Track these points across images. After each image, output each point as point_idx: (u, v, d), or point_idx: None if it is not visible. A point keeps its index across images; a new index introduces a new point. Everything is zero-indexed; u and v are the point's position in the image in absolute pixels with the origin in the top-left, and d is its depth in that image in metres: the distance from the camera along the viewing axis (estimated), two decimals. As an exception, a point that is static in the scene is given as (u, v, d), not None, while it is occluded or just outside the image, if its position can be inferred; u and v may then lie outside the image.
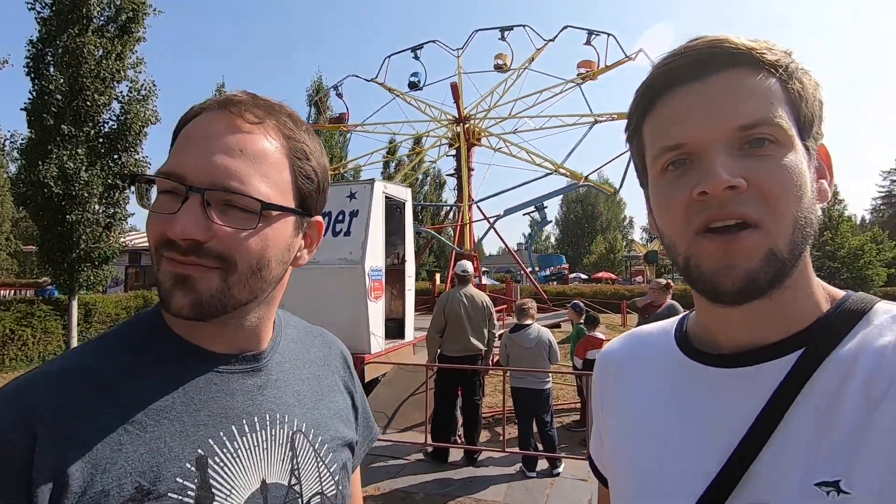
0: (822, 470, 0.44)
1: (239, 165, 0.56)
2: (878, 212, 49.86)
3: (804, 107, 0.50)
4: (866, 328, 0.49)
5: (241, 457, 0.60)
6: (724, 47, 0.50)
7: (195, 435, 0.57)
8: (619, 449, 0.63)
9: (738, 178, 0.47)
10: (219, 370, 0.62)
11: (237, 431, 0.60)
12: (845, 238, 17.59)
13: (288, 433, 0.64)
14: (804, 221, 0.49)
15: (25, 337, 9.55)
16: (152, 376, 0.58)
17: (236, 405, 0.61)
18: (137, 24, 10.28)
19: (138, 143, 10.32)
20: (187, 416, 0.57)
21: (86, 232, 9.65)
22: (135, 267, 23.25)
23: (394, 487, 4.35)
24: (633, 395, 0.64)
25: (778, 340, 0.51)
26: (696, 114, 0.49)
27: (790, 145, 0.49)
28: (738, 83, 0.49)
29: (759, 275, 0.47)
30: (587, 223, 57.55)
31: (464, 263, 5.47)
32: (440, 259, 33.26)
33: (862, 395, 0.45)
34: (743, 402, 0.51)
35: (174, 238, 0.53)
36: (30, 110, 9.47)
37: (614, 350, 0.72)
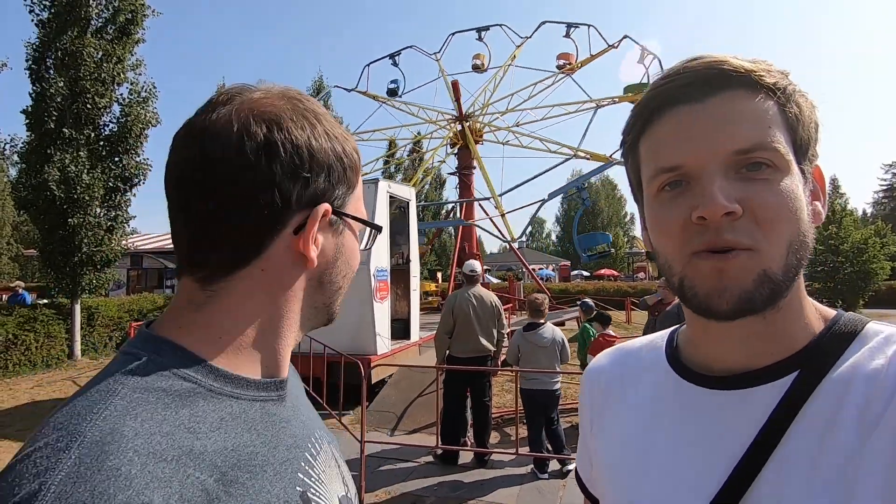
0: (822, 496, 0.44)
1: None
2: (879, 205, 49.79)
3: (800, 130, 0.50)
4: (858, 350, 0.50)
5: (325, 481, 0.58)
6: (722, 69, 0.49)
7: (287, 473, 0.53)
8: (611, 471, 0.62)
9: (734, 203, 0.47)
10: (272, 397, 0.57)
11: (311, 458, 0.58)
12: (849, 232, 17.48)
13: (328, 447, 0.64)
14: (798, 245, 0.49)
15: (28, 342, 9.48)
16: (223, 426, 0.49)
17: (296, 431, 0.58)
18: (136, 26, 10.23)
19: (139, 145, 10.29)
20: (272, 456, 0.52)
21: (87, 235, 9.62)
22: (136, 269, 23.23)
23: (404, 491, 4.29)
24: (624, 415, 0.63)
25: (773, 363, 0.51)
26: (693, 136, 0.49)
27: (787, 169, 0.49)
28: (736, 106, 0.49)
29: (753, 295, 0.48)
30: (588, 220, 57.45)
31: (472, 263, 5.41)
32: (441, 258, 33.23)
33: (857, 419, 0.45)
34: (739, 426, 0.50)
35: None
36: (29, 113, 9.42)
37: (602, 367, 0.71)
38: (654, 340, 0.66)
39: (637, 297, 19.08)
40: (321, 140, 0.56)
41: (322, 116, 0.58)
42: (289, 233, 0.54)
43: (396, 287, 8.23)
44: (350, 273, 0.63)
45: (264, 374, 0.56)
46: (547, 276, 31.25)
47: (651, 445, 0.57)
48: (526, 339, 4.88)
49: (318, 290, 0.59)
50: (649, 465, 0.57)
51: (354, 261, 0.63)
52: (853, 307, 16.37)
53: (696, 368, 0.57)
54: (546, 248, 62.77)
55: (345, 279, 0.62)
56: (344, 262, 0.61)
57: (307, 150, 0.54)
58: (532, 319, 5.01)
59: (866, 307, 17.62)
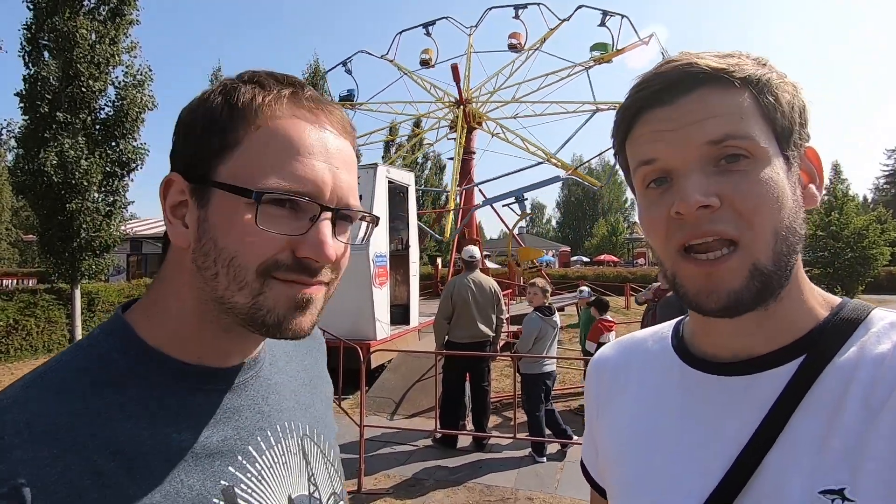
0: (827, 478, 0.45)
1: (352, 181, 0.55)
2: (881, 191, 49.57)
3: (779, 117, 0.51)
4: (864, 335, 0.50)
5: (266, 477, 0.55)
6: (689, 70, 0.51)
7: (213, 465, 0.50)
8: (617, 458, 0.63)
9: (711, 196, 0.48)
10: (220, 386, 0.54)
11: (255, 451, 0.55)
12: (850, 218, 17.43)
13: (298, 441, 0.61)
14: (786, 231, 0.49)
15: (29, 327, 9.54)
16: (145, 410, 0.48)
17: (246, 423, 0.55)
18: (129, 7, 10.05)
19: (136, 129, 10.19)
20: (199, 446, 0.50)
21: (86, 220, 9.58)
22: (136, 255, 23.26)
23: (403, 474, 4.34)
24: (630, 403, 0.63)
25: (778, 348, 0.52)
26: (666, 134, 0.51)
27: (765, 158, 0.49)
28: (706, 102, 0.50)
29: (742, 294, 0.49)
30: (588, 206, 57.39)
31: (471, 249, 5.40)
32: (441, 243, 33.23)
33: (862, 402, 0.46)
34: (745, 411, 0.51)
35: (320, 262, 0.50)
36: (24, 96, 9.31)
37: (608, 357, 0.71)
38: (661, 331, 0.67)
39: (637, 282, 19.12)
40: (194, 102, 0.53)
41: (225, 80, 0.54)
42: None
43: (396, 272, 8.23)
44: (222, 253, 0.49)
45: (205, 361, 0.54)
46: (547, 262, 31.26)
47: (657, 431, 0.58)
48: (547, 323, 4.86)
49: (198, 277, 0.51)
50: (655, 450, 0.57)
51: (227, 238, 0.49)
52: (852, 293, 16.41)
53: (702, 355, 0.58)
54: (546, 233, 62.70)
55: (219, 261, 0.49)
56: (210, 239, 0.49)
57: (182, 117, 0.53)
58: (546, 304, 4.99)
59: (865, 293, 17.67)
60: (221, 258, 0.49)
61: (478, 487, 4.10)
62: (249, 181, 0.48)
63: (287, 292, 0.50)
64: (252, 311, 0.49)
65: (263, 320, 0.49)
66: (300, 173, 0.49)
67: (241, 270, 0.48)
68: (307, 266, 0.50)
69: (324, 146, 0.51)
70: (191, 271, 0.51)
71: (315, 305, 0.52)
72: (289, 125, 0.50)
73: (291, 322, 0.50)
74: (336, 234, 0.52)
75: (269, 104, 0.50)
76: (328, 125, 0.53)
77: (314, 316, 0.53)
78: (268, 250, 0.49)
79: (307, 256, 0.49)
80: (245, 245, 0.48)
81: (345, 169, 0.53)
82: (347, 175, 0.54)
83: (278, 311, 0.50)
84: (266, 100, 0.50)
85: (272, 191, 0.48)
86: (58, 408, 0.44)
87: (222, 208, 0.49)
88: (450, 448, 4.90)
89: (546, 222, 69.17)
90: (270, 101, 0.51)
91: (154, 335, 0.52)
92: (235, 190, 0.48)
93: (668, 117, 0.51)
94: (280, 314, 0.50)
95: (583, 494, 3.98)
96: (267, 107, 0.50)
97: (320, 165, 0.50)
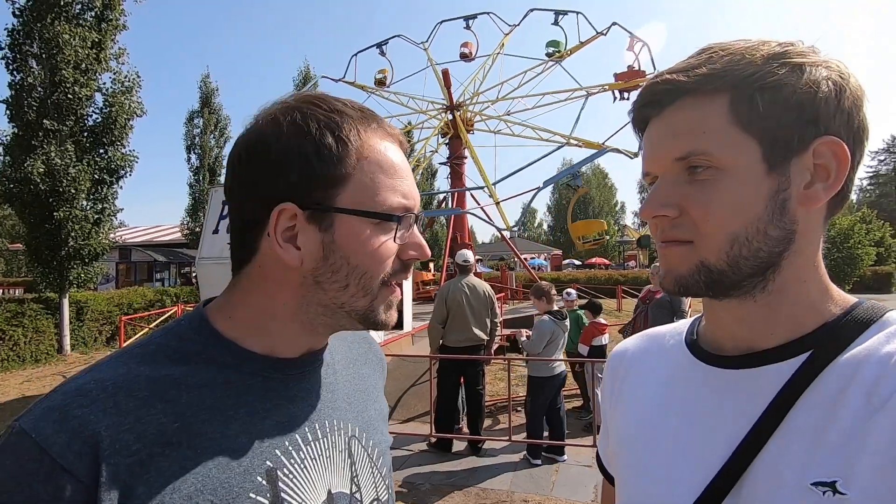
0: (819, 470, 0.46)
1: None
2: (865, 192, 50.43)
3: (759, 120, 0.50)
4: (875, 335, 0.50)
5: (308, 467, 0.58)
6: (671, 83, 0.54)
7: (262, 446, 0.55)
8: (623, 446, 0.65)
9: (668, 206, 0.53)
10: (278, 376, 0.59)
11: (301, 440, 0.58)
12: (836, 218, 17.71)
13: (345, 439, 0.64)
14: (746, 237, 0.51)
15: (17, 337, 9.37)
16: (211, 385, 0.54)
17: (298, 412, 0.59)
18: (115, 11, 9.97)
19: (124, 136, 10.11)
20: (253, 426, 0.55)
21: (74, 228, 9.48)
22: (125, 263, 22.98)
23: (398, 478, 4.33)
24: (641, 393, 0.66)
25: (783, 343, 0.53)
26: (652, 148, 0.57)
27: (730, 168, 0.51)
28: (681, 116, 0.53)
29: (688, 281, 0.54)
30: (579, 209, 57.64)
31: (465, 253, 5.41)
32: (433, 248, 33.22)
33: (864, 399, 0.46)
34: (747, 403, 0.52)
35: (423, 258, 0.61)
36: (10, 104, 9.21)
37: (627, 348, 0.74)
38: (679, 327, 0.69)
39: (628, 284, 19.26)
40: (288, 132, 0.55)
41: (301, 108, 0.56)
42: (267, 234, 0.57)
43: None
44: (356, 270, 0.57)
45: (275, 352, 0.59)
46: (539, 266, 31.35)
47: (664, 421, 0.60)
48: (559, 326, 4.87)
49: (316, 288, 0.57)
50: (660, 439, 0.59)
51: (360, 257, 0.56)
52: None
53: (710, 350, 0.60)
54: (538, 237, 62.92)
55: (351, 276, 0.57)
56: (341, 258, 0.56)
57: (274, 146, 0.55)
58: (556, 307, 5.01)
59: (852, 292, 17.86)
60: (355, 273, 0.57)
61: (473, 491, 4.09)
62: (371, 205, 0.56)
63: (388, 295, 0.60)
64: (367, 312, 0.59)
65: (375, 319, 0.59)
66: (406, 191, 0.59)
67: (370, 281, 0.58)
68: (409, 266, 0.61)
69: (405, 164, 0.61)
70: (298, 283, 0.58)
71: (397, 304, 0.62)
72: (385, 152, 0.59)
73: (389, 318, 0.60)
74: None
75: (369, 136, 0.58)
76: (399, 145, 0.62)
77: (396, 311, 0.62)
78: (390, 262, 0.59)
79: (413, 255, 0.60)
80: (375, 260, 0.57)
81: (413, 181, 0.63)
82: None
83: (381, 310, 0.60)
84: (367, 133, 0.58)
85: (395, 211, 0.58)
86: (138, 374, 0.52)
87: (350, 230, 0.56)
88: (445, 452, 4.88)
89: (538, 226, 69.45)
90: (369, 134, 0.58)
91: (228, 328, 0.59)
92: (363, 214, 0.56)
93: (657, 128, 0.56)
94: (383, 314, 0.60)
95: (578, 496, 3.99)
96: (368, 139, 0.58)
97: (410, 182, 0.61)
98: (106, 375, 0.51)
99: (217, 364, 0.56)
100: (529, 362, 4.92)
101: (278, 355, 0.59)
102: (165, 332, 0.58)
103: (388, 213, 0.57)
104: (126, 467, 0.46)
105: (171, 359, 0.54)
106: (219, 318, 0.59)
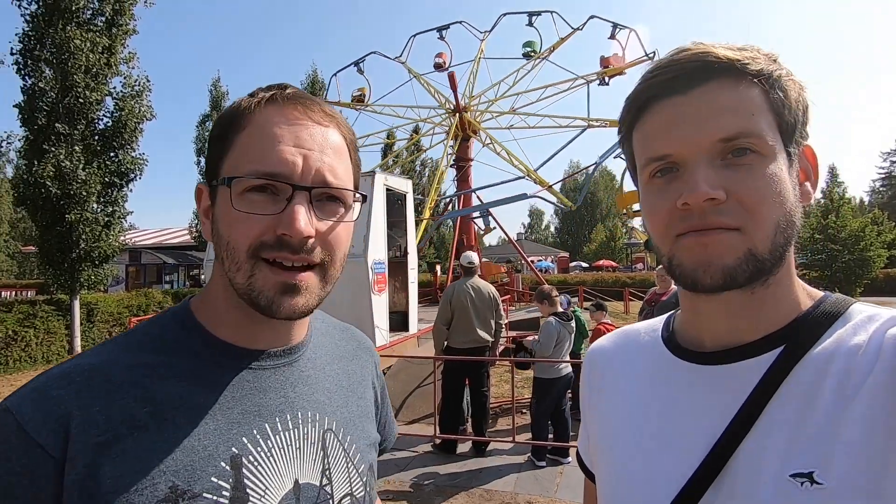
0: (797, 462, 0.46)
1: (331, 161, 0.58)
2: (877, 193, 49.74)
3: (786, 114, 0.52)
4: (842, 327, 0.51)
5: (275, 456, 0.58)
6: (706, 60, 0.51)
7: (229, 433, 0.56)
8: (603, 444, 0.65)
9: (718, 189, 0.49)
10: (252, 367, 0.61)
11: (270, 430, 0.59)
12: (846, 220, 17.51)
13: (319, 432, 0.64)
14: (786, 224, 0.51)
15: (28, 338, 9.52)
16: (184, 375, 0.57)
17: (269, 402, 0.60)
18: (125, 16, 10.11)
19: (134, 139, 10.24)
20: (221, 414, 0.56)
21: (85, 231, 9.61)
22: (135, 265, 23.22)
23: (403, 479, 4.34)
24: (618, 391, 0.66)
25: (758, 339, 0.54)
26: (679, 127, 0.51)
27: (771, 154, 0.50)
28: (720, 95, 0.50)
29: (736, 272, 0.50)
30: (586, 211, 57.45)
31: (469, 255, 5.42)
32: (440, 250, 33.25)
33: (836, 391, 0.47)
34: (724, 399, 0.53)
35: (294, 236, 0.54)
36: (22, 108, 9.36)
37: (602, 347, 0.73)
38: (653, 324, 0.69)
39: (635, 287, 19.13)
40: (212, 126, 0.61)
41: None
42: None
43: (394, 279, 8.25)
44: (223, 240, 0.56)
45: (236, 342, 0.61)
46: (545, 268, 31.27)
47: (644, 419, 0.60)
48: (565, 328, 4.87)
49: (221, 265, 0.59)
50: (641, 437, 0.59)
51: (223, 226, 0.56)
52: (850, 295, 16.25)
53: (689, 346, 0.60)
54: (545, 239, 62.76)
55: (223, 248, 0.57)
56: (217, 231, 0.58)
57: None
58: (561, 309, 5.01)
59: (863, 295, 17.70)
60: (222, 243, 0.57)
61: (477, 492, 4.09)
62: (233, 173, 0.56)
63: (274, 277, 0.55)
64: (248, 290, 0.55)
65: (256, 301, 0.56)
66: (269, 158, 0.55)
67: (234, 252, 0.55)
68: (287, 243, 0.55)
69: (294, 134, 0.57)
70: (219, 263, 0.59)
71: (309, 289, 0.57)
72: (264, 121, 0.57)
73: (283, 304, 0.56)
74: (320, 213, 0.57)
75: (252, 107, 0.58)
76: (304, 115, 0.58)
77: (310, 298, 0.57)
78: (251, 232, 0.55)
79: (283, 233, 0.54)
80: (233, 229, 0.56)
81: (319, 150, 0.58)
82: (323, 156, 0.58)
83: (267, 293, 0.55)
84: (251, 104, 0.58)
85: (243, 176, 0.55)
86: (117, 360, 0.55)
87: (220, 201, 0.57)
88: (449, 453, 4.89)
89: (545, 228, 69.25)
90: (253, 105, 0.58)
91: (203, 315, 0.61)
92: (222, 182, 0.56)
93: (682, 110, 0.51)
94: (269, 296, 0.55)
95: (582, 498, 3.97)
96: (249, 110, 0.58)
97: (289, 150, 0.56)
98: (88, 361, 0.55)
99: (192, 353, 0.58)
100: (536, 364, 4.91)
101: (250, 346, 0.61)
102: (151, 322, 0.61)
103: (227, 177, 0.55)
104: (93, 446, 0.49)
105: (151, 347, 0.58)
106: (199, 306, 0.62)
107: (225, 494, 0.53)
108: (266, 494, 0.56)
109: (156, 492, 0.50)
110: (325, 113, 0.60)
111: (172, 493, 0.50)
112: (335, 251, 0.59)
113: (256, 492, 0.55)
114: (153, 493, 0.50)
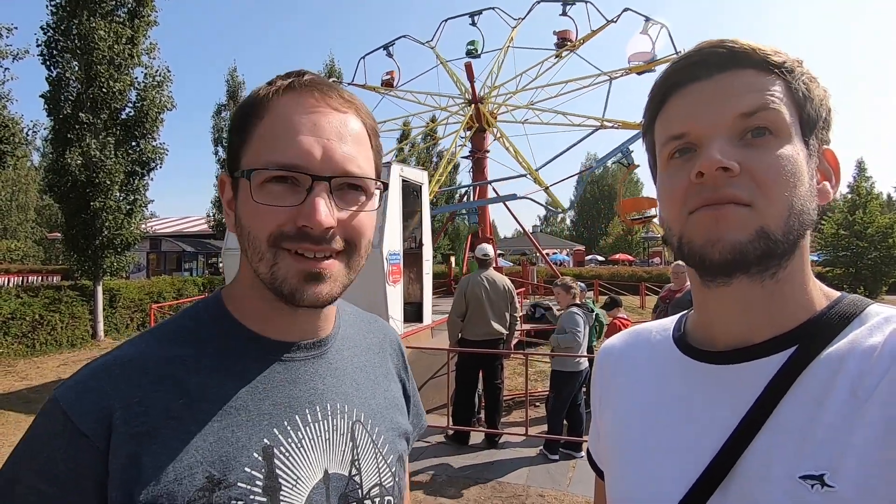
0: (808, 464, 0.46)
1: (351, 149, 0.58)
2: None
3: (808, 106, 0.52)
4: (858, 329, 0.51)
5: (306, 447, 0.60)
6: (730, 48, 0.52)
7: (261, 425, 0.57)
8: (612, 443, 0.65)
9: (732, 161, 0.49)
10: (282, 359, 0.62)
11: (301, 421, 0.60)
12: (874, 216, 16.96)
13: (348, 423, 0.65)
14: (801, 208, 0.50)
15: (54, 322, 9.81)
16: (218, 367, 0.58)
17: (299, 394, 0.61)
18: (147, 8, 10.24)
19: (155, 129, 10.40)
20: (253, 405, 0.57)
21: (108, 219, 9.83)
22: (155, 253, 23.69)
23: (416, 470, 4.38)
24: (629, 390, 0.65)
25: (770, 338, 0.53)
26: (700, 107, 0.52)
27: (788, 137, 0.51)
28: (741, 80, 0.51)
29: (746, 248, 0.49)
30: (603, 204, 56.73)
31: (484, 247, 5.40)
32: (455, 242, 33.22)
33: (849, 392, 0.46)
34: (735, 398, 0.52)
35: (314, 228, 0.54)
36: (48, 98, 9.56)
37: (614, 346, 0.73)
38: (665, 323, 0.69)
39: (652, 282, 18.89)
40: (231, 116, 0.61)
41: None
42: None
43: (409, 271, 8.27)
44: (245, 230, 0.57)
45: (266, 334, 0.62)
46: (561, 261, 31.04)
47: (654, 418, 0.60)
48: (586, 321, 4.85)
49: (245, 257, 0.60)
50: (652, 436, 0.59)
51: (245, 216, 0.57)
52: (875, 293, 15.96)
53: (700, 346, 0.59)
54: (561, 232, 62.25)
55: (245, 238, 0.57)
56: (240, 222, 0.58)
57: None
58: (580, 301, 4.98)
59: (889, 294, 17.21)
60: (244, 234, 0.58)
61: (489, 484, 4.12)
62: (252, 165, 0.56)
63: (297, 265, 0.56)
64: (271, 279, 0.56)
65: (280, 289, 0.56)
66: (287, 149, 0.55)
67: (255, 242, 0.56)
68: (308, 234, 0.55)
69: (312, 122, 0.56)
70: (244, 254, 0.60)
71: (333, 277, 0.58)
72: (282, 109, 0.57)
73: (306, 292, 0.56)
74: (340, 202, 0.57)
75: (270, 96, 0.57)
76: (321, 102, 0.58)
77: (334, 286, 0.58)
78: (271, 222, 0.55)
79: (304, 224, 0.54)
80: (254, 220, 0.56)
81: (339, 140, 0.57)
82: (343, 145, 0.57)
83: (291, 282, 0.56)
84: (268, 92, 0.57)
85: (262, 168, 0.55)
86: (155, 352, 0.57)
87: (241, 192, 0.58)
88: (462, 445, 4.92)
89: (560, 221, 68.67)
90: (270, 93, 0.57)
91: (234, 307, 0.62)
92: (242, 174, 0.57)
93: (704, 92, 0.52)
94: (293, 284, 0.56)
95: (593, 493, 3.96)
96: (268, 98, 0.57)
97: (307, 139, 0.55)
98: (126, 353, 0.57)
99: (224, 346, 0.60)
100: (554, 357, 4.90)
101: (280, 339, 0.62)
102: (183, 314, 0.63)
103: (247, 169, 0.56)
104: (134, 437, 0.51)
105: (185, 340, 0.59)
106: (230, 298, 0.63)
107: (258, 484, 0.54)
108: (297, 484, 0.57)
109: (194, 481, 0.51)
110: (344, 99, 0.60)
111: (209, 483, 0.52)
112: (359, 239, 0.59)
113: (288, 481, 0.57)
114: (191, 483, 0.51)
